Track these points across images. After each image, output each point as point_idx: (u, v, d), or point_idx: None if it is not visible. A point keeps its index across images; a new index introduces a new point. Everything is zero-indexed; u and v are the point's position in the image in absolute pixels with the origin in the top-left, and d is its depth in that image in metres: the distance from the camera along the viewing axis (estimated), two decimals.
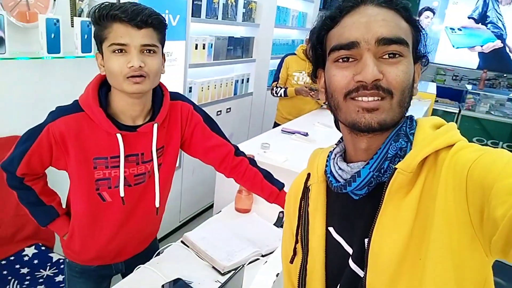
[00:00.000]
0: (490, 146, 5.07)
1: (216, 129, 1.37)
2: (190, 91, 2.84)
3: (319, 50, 0.70)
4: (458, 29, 5.89)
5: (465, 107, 5.38)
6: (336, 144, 0.78)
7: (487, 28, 5.71)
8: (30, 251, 1.81)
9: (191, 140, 1.32)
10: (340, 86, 0.64)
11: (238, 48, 3.33)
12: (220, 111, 3.24)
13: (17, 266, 1.74)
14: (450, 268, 0.57)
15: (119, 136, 1.11)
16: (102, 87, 1.13)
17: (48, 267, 1.79)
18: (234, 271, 1.00)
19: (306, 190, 0.79)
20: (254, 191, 1.46)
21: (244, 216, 1.76)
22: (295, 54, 3.23)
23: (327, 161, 0.76)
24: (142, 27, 1.01)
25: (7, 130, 1.75)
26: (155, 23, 1.03)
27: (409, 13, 0.65)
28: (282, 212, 1.75)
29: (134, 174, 1.20)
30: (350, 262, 0.69)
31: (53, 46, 1.70)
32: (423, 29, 0.67)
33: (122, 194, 1.17)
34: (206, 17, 2.86)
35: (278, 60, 4.17)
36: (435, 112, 5.27)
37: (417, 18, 0.66)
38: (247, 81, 3.58)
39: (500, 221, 0.50)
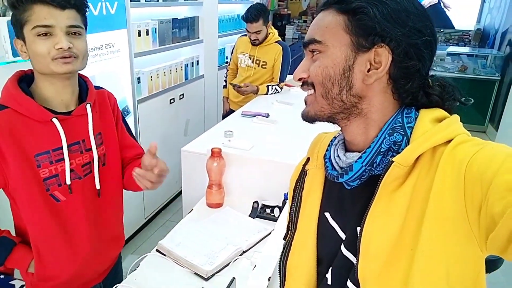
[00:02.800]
0: None
1: (130, 131, 1.35)
2: (139, 82, 2.66)
3: None
4: None
5: None
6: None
7: None
8: None
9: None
10: None
11: (184, 29, 3.15)
12: (173, 98, 3.09)
13: None
14: (441, 261, 0.57)
15: (56, 121, 1.04)
16: (21, 82, 1.05)
17: None
18: (227, 285, 0.94)
19: (303, 173, 0.81)
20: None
21: (217, 211, 1.70)
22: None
23: (329, 145, 0.76)
24: (66, 7, 0.97)
25: None
26: (78, 4, 1.01)
27: (344, 3, 0.64)
28: (256, 202, 1.71)
29: (81, 164, 1.13)
30: (342, 247, 0.70)
31: None
32: (371, 7, 0.61)
33: (68, 181, 1.09)
34: (146, 0, 2.66)
35: (227, 38, 4.03)
36: None
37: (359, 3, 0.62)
38: (197, 64, 3.43)
39: (498, 218, 0.50)
